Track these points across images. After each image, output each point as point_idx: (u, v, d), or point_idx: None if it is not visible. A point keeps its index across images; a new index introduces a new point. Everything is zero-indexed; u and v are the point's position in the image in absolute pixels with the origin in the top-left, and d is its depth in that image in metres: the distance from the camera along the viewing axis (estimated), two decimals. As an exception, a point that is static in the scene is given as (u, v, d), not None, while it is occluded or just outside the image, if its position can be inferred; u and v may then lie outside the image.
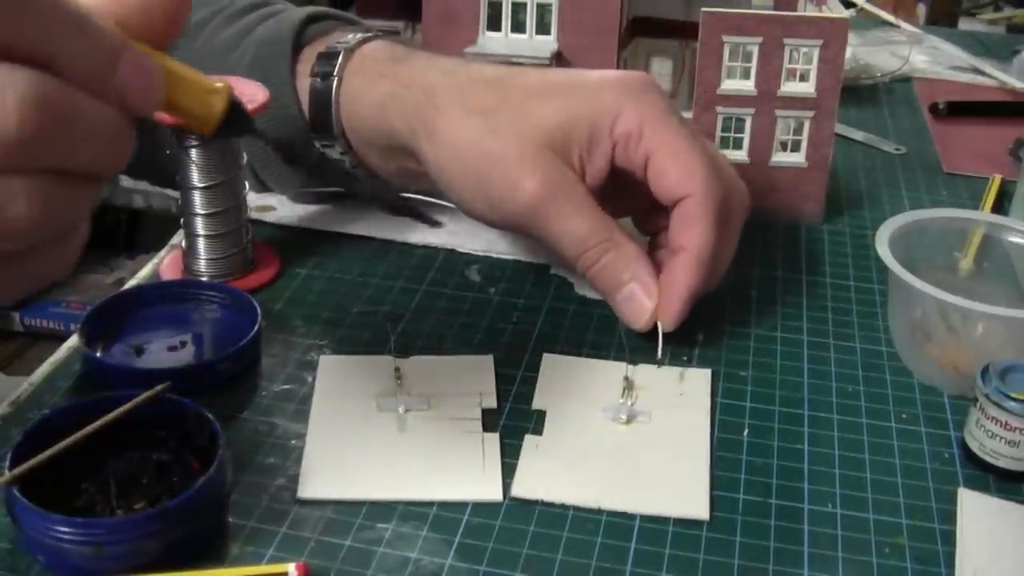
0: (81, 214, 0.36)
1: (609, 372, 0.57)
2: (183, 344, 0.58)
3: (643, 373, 0.57)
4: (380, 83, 0.63)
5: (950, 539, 0.47)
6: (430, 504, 0.48)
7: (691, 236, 0.58)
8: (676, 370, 0.58)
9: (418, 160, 0.62)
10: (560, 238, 0.59)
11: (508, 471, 0.50)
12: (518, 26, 0.82)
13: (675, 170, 0.58)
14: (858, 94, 1.01)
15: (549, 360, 0.58)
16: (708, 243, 0.58)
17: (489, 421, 0.53)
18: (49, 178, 0.34)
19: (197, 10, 0.73)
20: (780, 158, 0.73)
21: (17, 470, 0.43)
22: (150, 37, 0.37)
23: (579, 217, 0.58)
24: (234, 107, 0.41)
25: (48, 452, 0.44)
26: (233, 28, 0.71)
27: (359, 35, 0.66)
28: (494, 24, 0.82)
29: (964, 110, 0.98)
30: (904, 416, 0.55)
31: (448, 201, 0.66)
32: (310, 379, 0.56)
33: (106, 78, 0.34)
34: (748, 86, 0.71)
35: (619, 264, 0.59)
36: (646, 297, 0.59)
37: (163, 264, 0.66)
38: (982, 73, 1.08)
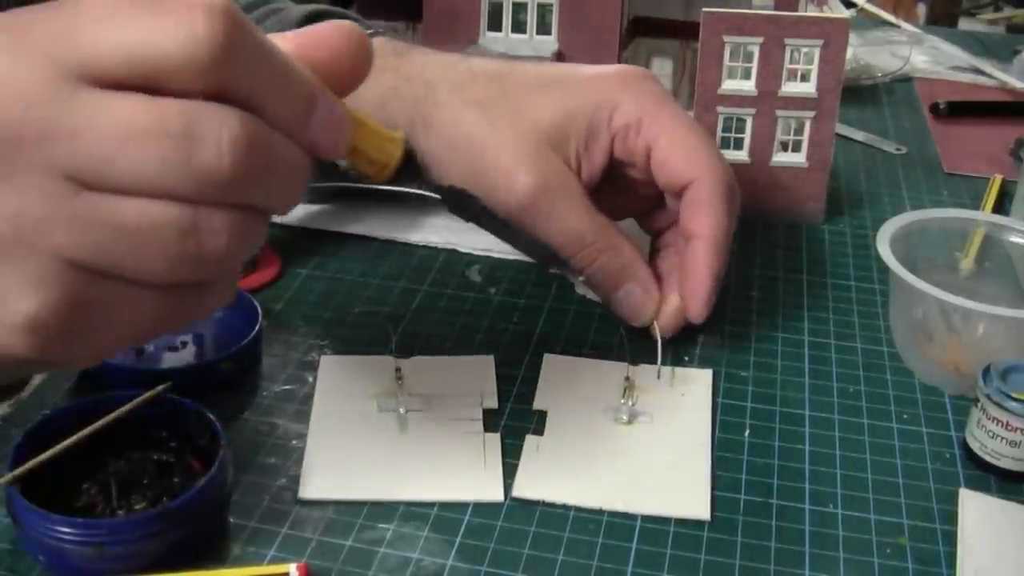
0: (257, 247, 0.38)
1: (610, 372, 0.57)
2: (184, 344, 0.58)
3: (644, 373, 0.57)
4: (382, 77, 0.63)
5: (951, 539, 0.47)
6: (431, 504, 0.48)
7: (704, 220, 0.57)
8: (677, 370, 0.58)
9: (418, 153, 0.62)
10: (555, 234, 0.59)
11: (509, 471, 0.50)
12: (519, 26, 0.82)
13: (679, 156, 0.58)
14: (859, 94, 1.01)
15: (550, 360, 0.58)
16: (722, 225, 0.57)
17: (490, 421, 0.53)
18: (243, 213, 0.36)
19: None
20: (781, 158, 0.73)
21: (18, 470, 0.43)
22: (335, 84, 0.39)
23: (575, 214, 0.58)
24: (409, 156, 0.44)
25: (49, 452, 0.44)
26: None
27: None
28: (495, 24, 0.82)
29: (964, 110, 0.98)
30: (905, 416, 0.55)
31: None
32: (311, 379, 0.56)
33: (303, 122, 0.37)
34: (748, 86, 0.71)
35: (616, 264, 0.59)
36: (644, 295, 0.59)
37: (164, 264, 0.65)
38: (982, 73, 1.08)
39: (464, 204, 0.50)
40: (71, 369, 0.40)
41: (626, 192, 0.61)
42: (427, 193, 0.55)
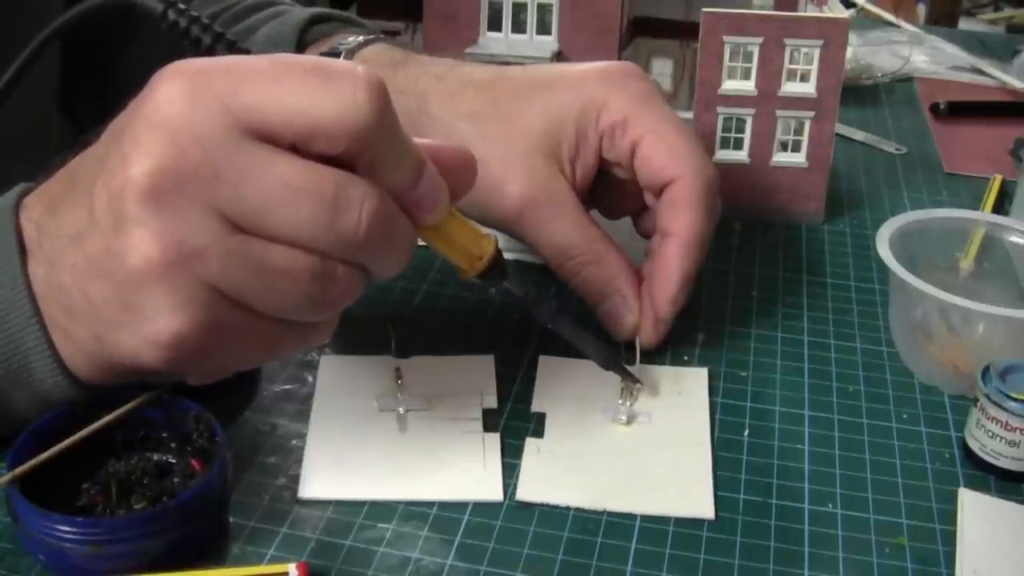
0: (354, 301, 0.43)
1: (606, 373, 0.56)
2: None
3: (641, 373, 0.57)
4: None
5: (950, 539, 0.47)
6: (431, 504, 0.48)
7: (680, 219, 0.57)
8: (673, 370, 0.58)
9: None
10: (541, 245, 0.58)
11: (509, 471, 0.50)
12: (519, 26, 0.82)
13: (662, 155, 0.57)
14: (858, 94, 1.01)
15: (545, 362, 0.58)
16: (698, 225, 0.57)
17: (490, 421, 0.53)
18: (357, 270, 0.42)
19: (205, 7, 0.73)
20: (781, 158, 0.73)
21: (18, 470, 0.43)
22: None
23: (562, 225, 0.58)
24: (499, 255, 0.49)
25: (49, 452, 0.44)
26: (238, 27, 0.71)
27: (361, 38, 0.66)
28: (495, 24, 0.82)
29: (964, 110, 0.98)
30: (904, 416, 0.55)
31: None
32: (311, 379, 0.56)
33: (413, 186, 0.43)
34: (748, 86, 0.71)
35: (600, 277, 0.58)
36: (626, 311, 0.58)
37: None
38: (982, 73, 1.08)
39: (542, 305, 0.53)
40: (184, 381, 0.45)
41: (617, 192, 0.61)
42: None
